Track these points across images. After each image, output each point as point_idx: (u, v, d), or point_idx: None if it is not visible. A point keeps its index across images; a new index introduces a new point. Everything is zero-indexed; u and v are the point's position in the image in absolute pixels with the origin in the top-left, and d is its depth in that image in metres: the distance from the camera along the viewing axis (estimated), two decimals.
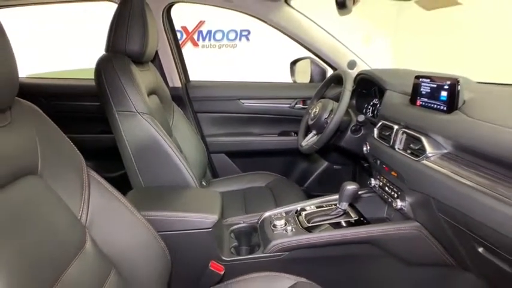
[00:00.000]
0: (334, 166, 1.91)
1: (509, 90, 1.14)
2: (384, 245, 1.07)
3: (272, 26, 1.63)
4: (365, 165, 1.56)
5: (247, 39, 4.61)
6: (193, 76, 1.94)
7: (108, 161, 1.56)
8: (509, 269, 0.77)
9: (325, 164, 1.92)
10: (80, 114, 1.83)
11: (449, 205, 0.86)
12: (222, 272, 1.00)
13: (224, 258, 1.07)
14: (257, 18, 1.63)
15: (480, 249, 0.85)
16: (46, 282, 0.60)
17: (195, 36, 4.55)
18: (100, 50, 1.28)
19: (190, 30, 4.50)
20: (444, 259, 1.05)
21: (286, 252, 1.07)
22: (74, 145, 0.81)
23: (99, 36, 1.40)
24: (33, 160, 0.69)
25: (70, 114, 1.77)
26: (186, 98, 1.81)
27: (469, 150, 0.84)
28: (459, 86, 0.93)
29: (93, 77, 1.21)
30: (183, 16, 4.09)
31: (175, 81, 1.77)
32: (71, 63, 2.56)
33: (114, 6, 1.30)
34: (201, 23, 4.50)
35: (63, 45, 3.66)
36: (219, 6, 1.61)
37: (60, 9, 3.13)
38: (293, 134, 1.91)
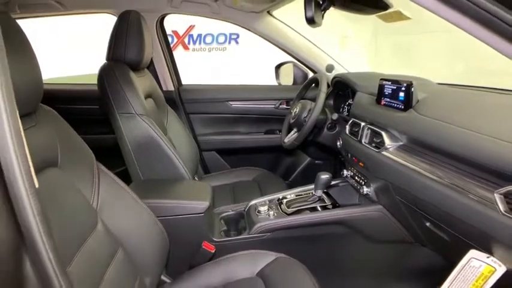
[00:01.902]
0: (316, 161, 2.08)
1: (461, 91, 1.32)
2: (353, 225, 1.24)
3: (257, 34, 1.79)
4: (342, 159, 1.73)
5: (237, 42, 4.74)
6: (185, 77, 2.08)
7: (107, 159, 1.70)
8: (448, 238, 0.95)
9: (307, 159, 2.08)
10: (79, 117, 1.96)
11: (403, 188, 1.04)
12: (213, 251, 1.16)
13: (215, 239, 1.23)
14: (243, 27, 1.79)
15: (428, 224, 1.02)
16: (68, 255, 0.72)
17: (186, 40, 4.67)
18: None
19: (181, 34, 4.61)
20: (404, 236, 1.22)
21: (269, 233, 1.24)
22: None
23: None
24: (54, 155, 0.83)
25: (71, 117, 1.90)
26: (179, 100, 1.95)
27: (418, 142, 1.01)
28: (413, 88, 1.10)
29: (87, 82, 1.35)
30: (173, 21, 4.21)
31: (169, 85, 1.92)
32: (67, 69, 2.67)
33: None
34: (191, 27, 4.61)
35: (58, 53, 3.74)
36: (208, 17, 1.76)
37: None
38: (278, 132, 2.07)
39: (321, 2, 1.12)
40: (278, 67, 2.12)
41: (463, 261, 0.76)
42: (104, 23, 1.65)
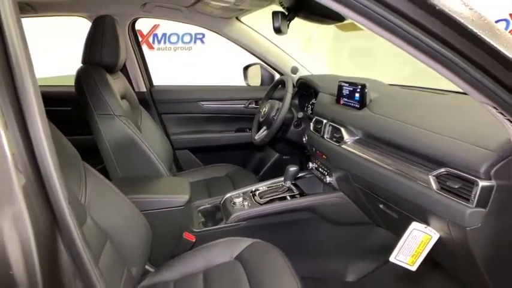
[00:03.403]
0: (284, 157, 2.22)
1: (408, 91, 1.52)
2: (318, 211, 1.40)
3: (226, 38, 1.90)
4: (307, 153, 1.89)
5: (202, 42, 4.79)
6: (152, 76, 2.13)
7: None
8: (397, 215, 1.12)
9: (276, 155, 2.22)
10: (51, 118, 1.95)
11: (360, 175, 1.20)
12: (194, 240, 1.26)
13: (194, 230, 1.33)
14: (213, 31, 1.89)
15: (381, 206, 1.19)
16: None
17: (150, 39, 4.64)
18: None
19: (145, 33, 4.58)
20: (362, 218, 1.39)
21: (244, 222, 1.36)
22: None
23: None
24: None
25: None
26: (151, 101, 2.02)
27: (371, 136, 1.18)
28: (366, 89, 1.27)
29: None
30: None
31: (141, 87, 1.97)
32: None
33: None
34: (156, 26, 4.59)
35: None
36: (179, 21, 1.84)
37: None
38: (248, 130, 2.19)
39: (286, 13, 1.26)
40: (246, 68, 2.23)
41: (407, 231, 0.93)
42: (66, 24, 1.67)
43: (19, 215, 0.45)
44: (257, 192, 1.49)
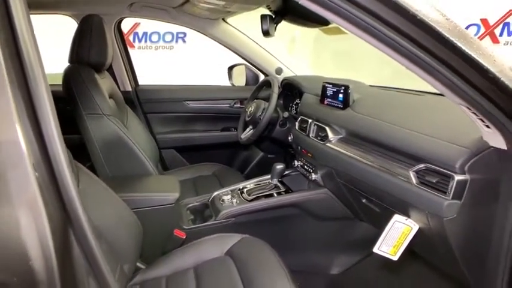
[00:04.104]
0: (268, 155, 2.27)
1: (388, 93, 1.59)
2: (304, 207, 1.45)
3: (212, 38, 1.93)
4: (292, 152, 1.94)
5: (184, 41, 4.77)
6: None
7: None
8: (379, 209, 1.19)
9: (260, 154, 2.27)
10: None
11: (344, 172, 1.26)
12: (184, 237, 1.28)
13: (184, 227, 1.35)
14: (198, 31, 1.91)
15: (364, 200, 1.26)
16: None
17: (131, 38, 4.58)
18: None
19: (125, 31, 4.51)
20: (345, 213, 1.46)
21: (233, 218, 1.40)
22: None
23: None
24: None
25: None
26: (136, 100, 2.02)
27: (355, 134, 1.25)
28: (350, 90, 1.34)
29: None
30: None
31: (126, 86, 1.97)
32: None
33: None
34: (136, 24, 4.53)
35: None
36: (166, 22, 1.86)
37: None
38: (233, 129, 2.22)
39: (273, 17, 1.31)
40: (230, 69, 2.27)
41: (390, 223, 1.00)
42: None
43: (36, 209, 0.47)
44: (245, 190, 1.53)
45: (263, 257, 1.14)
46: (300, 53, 2.86)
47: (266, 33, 1.23)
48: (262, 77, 2.19)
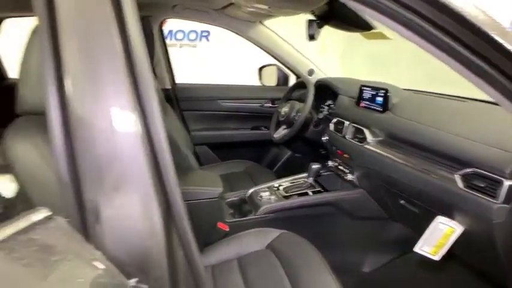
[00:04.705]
0: (296, 154, 2.32)
1: (424, 97, 1.62)
2: (340, 206, 1.50)
3: (248, 39, 1.99)
4: (322, 152, 1.98)
5: (207, 39, 4.85)
6: None
7: None
8: (418, 211, 1.23)
9: (289, 153, 2.32)
10: None
11: (383, 173, 1.30)
12: (228, 230, 1.35)
13: (226, 220, 1.42)
14: (236, 33, 1.97)
15: (402, 201, 1.30)
16: None
17: None
18: None
19: None
20: (380, 214, 1.50)
21: (272, 214, 1.45)
22: None
23: None
24: None
25: None
26: (174, 98, 2.10)
27: (395, 137, 1.29)
28: (389, 93, 1.38)
29: None
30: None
31: (166, 84, 2.05)
32: None
33: None
34: (163, 22, 4.63)
35: None
36: (205, 23, 1.93)
37: None
38: (263, 128, 2.29)
39: (318, 21, 1.36)
40: (261, 69, 2.32)
41: (433, 224, 1.04)
42: None
43: (149, 196, 0.53)
44: (281, 188, 1.59)
45: (305, 252, 1.19)
46: (331, 55, 2.90)
47: (312, 37, 1.28)
48: (292, 78, 2.25)
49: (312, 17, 1.40)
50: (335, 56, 2.88)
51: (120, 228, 0.52)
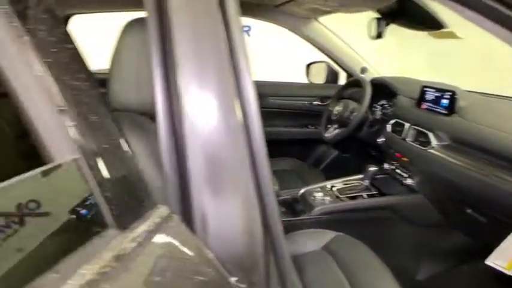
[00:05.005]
0: (343, 154, 2.28)
1: (492, 100, 1.53)
2: (398, 211, 1.46)
3: (301, 36, 1.96)
4: (372, 153, 1.93)
5: (248, 34, 4.86)
6: None
7: None
8: (487, 220, 1.17)
9: (335, 152, 2.29)
10: None
11: (449, 180, 1.25)
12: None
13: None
14: (290, 30, 1.95)
15: (468, 210, 1.24)
16: None
17: None
18: None
19: None
20: (439, 221, 1.44)
21: (326, 216, 1.44)
22: None
23: None
24: None
25: None
26: None
27: (464, 142, 1.22)
28: (456, 96, 1.31)
29: None
30: None
31: None
32: None
33: None
34: None
35: None
36: (259, 19, 1.92)
37: None
38: (310, 126, 2.26)
39: (385, 20, 1.31)
40: (309, 66, 2.29)
41: (510, 237, 0.98)
42: None
43: (251, 199, 0.54)
44: (334, 188, 1.57)
45: (364, 256, 1.17)
46: (387, 53, 2.78)
47: (379, 36, 1.24)
48: (342, 75, 2.19)
49: (375, 15, 1.36)
50: (389, 55, 2.77)
51: (223, 229, 0.53)
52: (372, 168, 1.50)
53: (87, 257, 0.31)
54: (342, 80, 2.19)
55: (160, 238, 0.39)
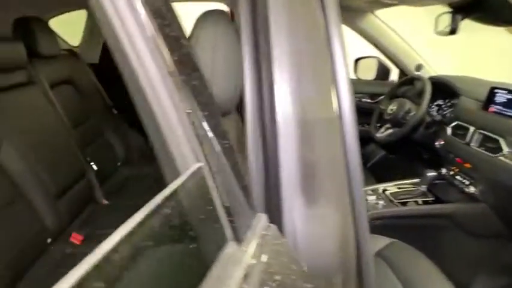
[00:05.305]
0: (390, 155, 2.18)
1: None
2: (457, 220, 1.37)
3: (355, 30, 1.88)
4: (424, 156, 1.83)
5: None
6: None
7: None
8: None
9: (382, 152, 2.20)
10: None
11: None
12: None
13: None
14: (343, 23, 1.87)
15: None
16: None
17: None
18: None
19: None
20: (502, 233, 1.34)
21: (379, 220, 1.38)
22: None
23: None
24: None
25: None
26: None
27: None
28: None
29: None
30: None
31: None
32: None
33: None
34: None
35: None
36: None
37: None
38: (358, 125, 2.17)
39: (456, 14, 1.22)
40: (357, 61, 2.19)
41: None
42: None
43: (344, 210, 0.50)
44: (387, 192, 1.50)
45: (421, 265, 1.11)
46: (444, 48, 2.61)
47: (453, 31, 1.15)
48: (394, 72, 2.09)
49: (445, 9, 1.27)
50: (448, 51, 2.60)
51: (315, 242, 0.50)
52: (431, 173, 1.41)
53: (219, 278, 0.29)
54: (395, 76, 2.09)
55: (271, 253, 0.36)
